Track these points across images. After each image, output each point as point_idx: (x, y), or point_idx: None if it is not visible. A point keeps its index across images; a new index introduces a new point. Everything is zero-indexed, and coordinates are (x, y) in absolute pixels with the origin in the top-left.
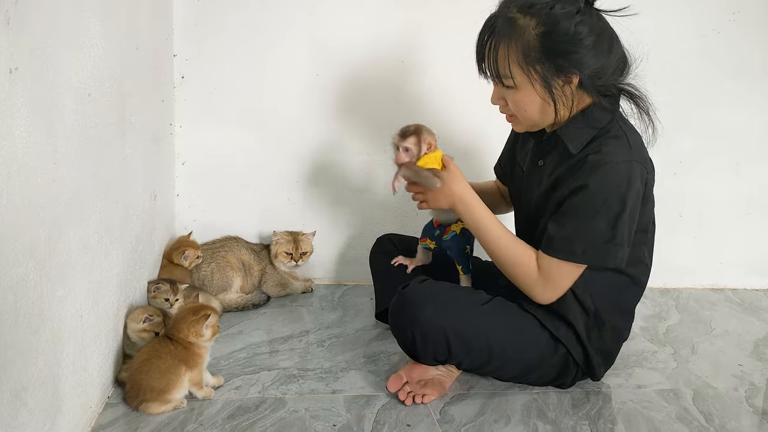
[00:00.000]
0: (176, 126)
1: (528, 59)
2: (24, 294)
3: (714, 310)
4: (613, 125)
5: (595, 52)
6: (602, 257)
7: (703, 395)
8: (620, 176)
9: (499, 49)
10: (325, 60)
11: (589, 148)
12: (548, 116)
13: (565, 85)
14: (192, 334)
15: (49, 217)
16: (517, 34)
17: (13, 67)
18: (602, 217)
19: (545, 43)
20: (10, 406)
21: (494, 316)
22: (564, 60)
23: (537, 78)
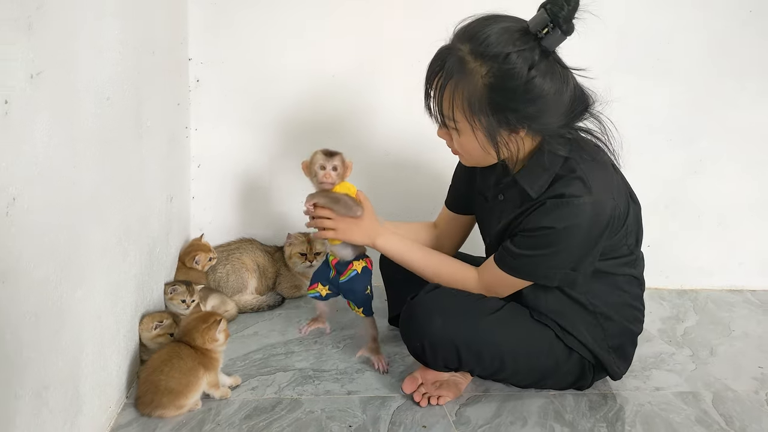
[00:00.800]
0: (191, 129)
1: (473, 108)
2: (45, 295)
3: (732, 311)
4: (571, 164)
5: (546, 108)
6: (550, 280)
7: (723, 398)
8: (583, 216)
9: (446, 90)
10: (340, 62)
11: (550, 190)
12: (492, 159)
13: (511, 135)
14: (207, 341)
15: (69, 219)
16: (465, 79)
17: (35, 72)
18: (561, 253)
19: (492, 96)
20: (32, 404)
21: (505, 324)
22: (511, 115)
23: (480, 128)
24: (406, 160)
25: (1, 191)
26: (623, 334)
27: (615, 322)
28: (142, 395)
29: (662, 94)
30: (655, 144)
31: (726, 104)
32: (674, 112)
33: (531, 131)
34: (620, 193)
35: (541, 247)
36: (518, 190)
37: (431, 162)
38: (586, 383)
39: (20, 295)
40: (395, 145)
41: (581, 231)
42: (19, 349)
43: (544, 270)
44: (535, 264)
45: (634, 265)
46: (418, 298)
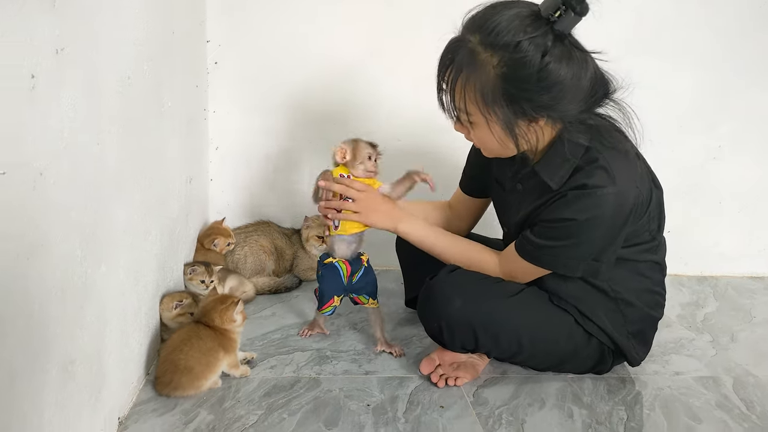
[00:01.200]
0: (209, 111)
1: (486, 100)
2: (71, 270)
3: (753, 298)
4: (592, 153)
5: (563, 94)
6: (572, 270)
7: (744, 383)
8: (606, 207)
9: (457, 84)
10: (353, 46)
11: (571, 181)
12: (511, 150)
13: (530, 125)
14: (225, 321)
15: (93, 195)
16: (477, 70)
17: (60, 47)
18: (583, 245)
19: (506, 87)
20: (59, 377)
21: (524, 308)
22: (526, 104)
23: (496, 120)
24: (417, 146)
25: (28, 165)
26: (644, 320)
27: (636, 308)
28: (161, 375)
29: (682, 78)
30: (674, 129)
31: (746, 88)
32: (694, 96)
33: (550, 120)
34: (643, 181)
35: (563, 238)
36: (538, 181)
37: (442, 148)
38: (605, 368)
39: (47, 270)
40: (406, 131)
41: (604, 222)
42: (47, 322)
43: (565, 260)
44: (556, 254)
45: (656, 251)
46: (437, 278)
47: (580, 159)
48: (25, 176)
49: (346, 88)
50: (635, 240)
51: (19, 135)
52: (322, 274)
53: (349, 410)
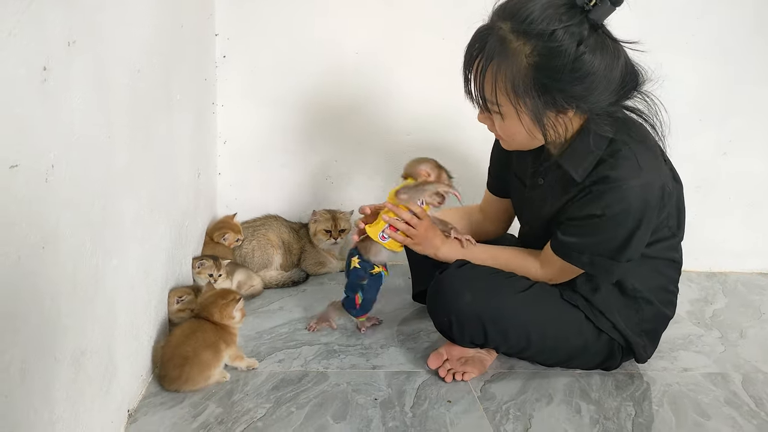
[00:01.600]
0: (218, 105)
1: (517, 90)
2: (82, 262)
3: (763, 294)
4: (617, 145)
5: (595, 86)
6: (604, 271)
7: (753, 379)
8: (633, 200)
9: (487, 73)
10: (364, 38)
11: (595, 173)
12: (537, 142)
13: (558, 116)
14: (225, 317)
15: (103, 188)
16: (508, 59)
17: (72, 40)
18: (614, 239)
19: (538, 77)
20: (70, 369)
21: (533, 303)
22: (558, 95)
23: (525, 111)
24: (429, 141)
25: (40, 157)
26: (658, 319)
27: (653, 306)
28: (170, 370)
29: (694, 72)
30: (684, 123)
31: (757, 83)
32: (704, 90)
33: (579, 111)
34: (666, 175)
35: (592, 234)
36: (560, 174)
37: (454, 142)
38: (614, 364)
39: (58, 263)
40: (417, 125)
41: (632, 215)
42: (58, 314)
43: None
44: (587, 251)
45: (676, 248)
46: (446, 272)
47: (605, 151)
48: (37, 169)
49: (355, 81)
50: (655, 236)
51: (31, 127)
52: (369, 284)
53: (357, 404)
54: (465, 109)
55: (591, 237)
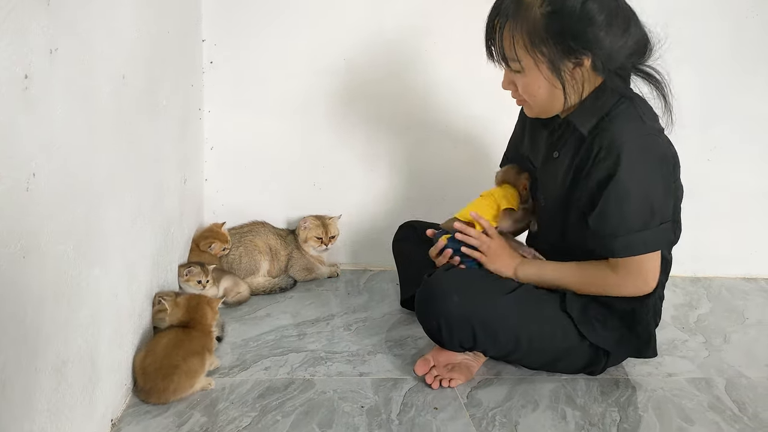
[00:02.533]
0: (205, 111)
1: (534, 41)
2: (64, 271)
3: (747, 299)
4: (623, 103)
5: (607, 32)
6: (660, 240)
7: (736, 384)
8: (642, 153)
9: (504, 31)
10: (352, 45)
11: (602, 130)
12: (558, 100)
13: (575, 68)
14: (216, 316)
15: (86, 196)
16: (523, 13)
17: (54, 47)
18: (633, 202)
19: (552, 24)
20: (52, 379)
21: (521, 305)
22: (572, 41)
23: (543, 61)
24: (416, 146)
25: (21, 166)
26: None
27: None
28: (156, 383)
29: (677, 79)
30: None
31: (740, 91)
32: (688, 97)
33: (595, 62)
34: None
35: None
36: (573, 141)
37: (443, 148)
38: (598, 368)
39: (40, 271)
40: (405, 131)
41: (648, 168)
42: (40, 324)
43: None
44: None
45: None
46: (435, 276)
47: (612, 107)
48: (18, 177)
49: (343, 87)
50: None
51: (11, 136)
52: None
53: (343, 412)
54: (454, 114)
55: (621, 211)
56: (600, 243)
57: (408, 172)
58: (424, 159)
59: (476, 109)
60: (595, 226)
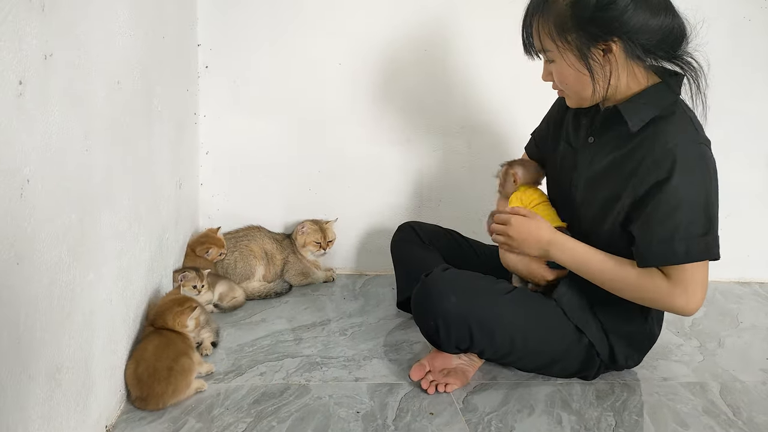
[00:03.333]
0: (200, 115)
1: (560, 30)
2: (58, 277)
3: (741, 303)
4: (677, 107)
5: (633, 14)
6: (704, 251)
7: (731, 388)
8: (698, 160)
9: (533, 23)
10: (347, 49)
11: (651, 130)
12: (588, 88)
13: (605, 55)
14: (177, 325)
15: (81, 202)
16: (551, 6)
17: (48, 53)
18: (691, 208)
19: (576, 11)
20: (46, 386)
21: (518, 306)
22: (597, 27)
23: (570, 48)
24: (412, 151)
25: (15, 173)
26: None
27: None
28: (152, 389)
29: None
30: None
31: (736, 95)
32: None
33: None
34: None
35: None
36: (616, 132)
37: (439, 152)
38: (590, 373)
39: (34, 277)
40: (400, 136)
41: (701, 175)
42: (33, 330)
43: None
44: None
45: None
46: (432, 275)
47: (664, 109)
48: (12, 183)
49: (338, 92)
50: None
51: (6, 142)
52: None
53: (339, 418)
54: (450, 118)
55: (670, 220)
56: (654, 249)
57: (404, 176)
58: (420, 164)
59: (473, 114)
60: (648, 230)
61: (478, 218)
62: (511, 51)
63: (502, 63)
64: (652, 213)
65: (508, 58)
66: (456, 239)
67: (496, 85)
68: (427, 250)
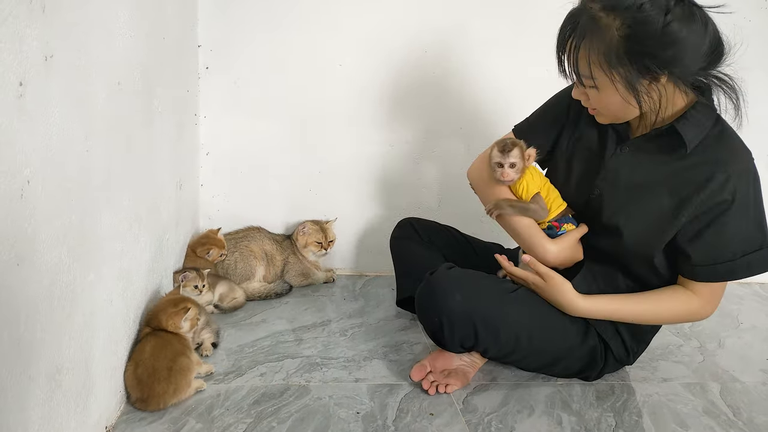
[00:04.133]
0: (200, 116)
1: (610, 61)
2: (58, 278)
3: (741, 304)
4: (722, 124)
5: (684, 52)
6: (759, 266)
7: (731, 389)
8: (753, 178)
9: (580, 49)
10: (348, 50)
11: (705, 149)
12: (632, 112)
13: (651, 84)
14: (171, 326)
15: (81, 202)
16: (600, 34)
17: (49, 54)
18: (751, 225)
19: (630, 46)
20: (46, 386)
21: (522, 304)
22: (650, 61)
23: (619, 80)
24: (411, 151)
25: (16, 174)
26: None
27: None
28: (153, 389)
29: None
30: None
31: None
32: None
33: (672, 77)
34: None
35: (728, 228)
36: (660, 146)
37: (437, 153)
38: (592, 374)
39: (34, 278)
40: (399, 136)
41: (756, 194)
42: (33, 331)
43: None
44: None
45: None
46: (437, 273)
47: (713, 128)
48: (13, 184)
49: (339, 93)
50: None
51: (6, 143)
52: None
53: (339, 418)
54: (449, 119)
55: (735, 239)
56: (719, 268)
57: (403, 177)
58: (419, 164)
59: (471, 115)
60: (711, 248)
61: (477, 219)
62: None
63: (500, 64)
64: (717, 234)
65: (507, 59)
66: (454, 236)
67: (495, 86)
68: (427, 247)
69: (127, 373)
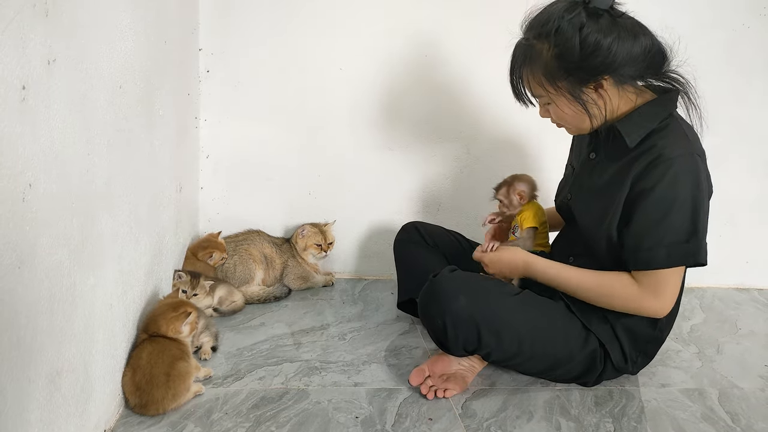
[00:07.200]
0: (201, 120)
1: (551, 79)
2: (58, 281)
3: (739, 309)
4: (671, 121)
5: (617, 51)
6: (687, 256)
7: (729, 395)
8: (685, 170)
9: (523, 74)
10: (348, 54)
11: (647, 143)
12: (585, 121)
13: (596, 91)
14: (170, 331)
15: (82, 206)
16: (538, 58)
17: (51, 58)
18: (676, 215)
19: (560, 63)
20: (46, 389)
21: (525, 307)
22: (585, 72)
23: (563, 92)
24: (412, 152)
25: (18, 177)
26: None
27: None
28: (151, 394)
29: None
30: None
31: (733, 102)
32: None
33: (614, 83)
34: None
35: (653, 216)
36: (614, 146)
37: (440, 156)
38: (591, 379)
39: (35, 281)
40: (399, 140)
41: (687, 186)
42: (34, 334)
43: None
44: (657, 242)
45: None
46: (440, 276)
47: (659, 124)
48: (15, 188)
49: (339, 97)
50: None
51: (9, 146)
52: None
53: (338, 423)
54: (449, 123)
55: (655, 224)
56: (641, 255)
57: (403, 181)
58: (419, 169)
59: (472, 119)
60: (631, 241)
61: (478, 223)
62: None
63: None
64: (639, 221)
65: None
66: (459, 240)
67: (495, 90)
68: (430, 251)
69: (125, 380)
